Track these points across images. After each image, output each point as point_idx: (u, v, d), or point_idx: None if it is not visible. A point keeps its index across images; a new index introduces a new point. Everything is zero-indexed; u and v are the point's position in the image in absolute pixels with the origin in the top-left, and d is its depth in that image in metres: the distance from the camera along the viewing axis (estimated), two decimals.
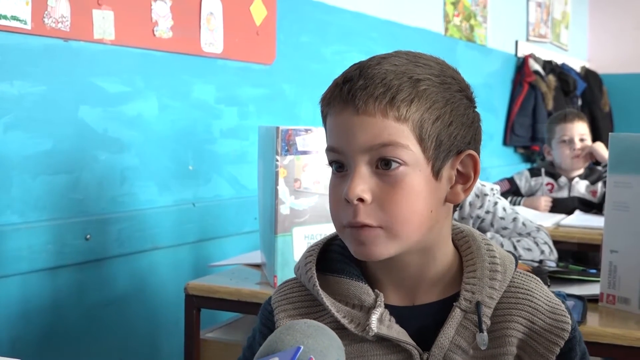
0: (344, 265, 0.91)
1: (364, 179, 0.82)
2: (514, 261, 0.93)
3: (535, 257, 1.90)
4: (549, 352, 0.87)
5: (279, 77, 2.48)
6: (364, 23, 2.97)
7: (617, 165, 1.49)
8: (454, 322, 0.87)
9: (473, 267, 0.90)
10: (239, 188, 2.35)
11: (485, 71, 4.30)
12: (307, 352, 0.65)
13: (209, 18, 2.16)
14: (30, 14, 1.64)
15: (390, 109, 0.81)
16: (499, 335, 0.88)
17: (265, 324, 0.94)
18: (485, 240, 0.93)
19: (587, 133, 3.06)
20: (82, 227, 1.80)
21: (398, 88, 0.81)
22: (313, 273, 0.90)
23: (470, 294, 0.87)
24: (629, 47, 6.12)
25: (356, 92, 0.82)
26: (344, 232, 0.87)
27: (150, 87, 2.00)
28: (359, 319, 0.87)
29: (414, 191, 0.83)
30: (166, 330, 2.08)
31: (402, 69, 0.83)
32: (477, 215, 2.00)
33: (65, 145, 1.77)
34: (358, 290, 0.88)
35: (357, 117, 0.82)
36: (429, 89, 0.83)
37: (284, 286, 0.96)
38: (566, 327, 0.88)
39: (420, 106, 0.82)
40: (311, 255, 0.93)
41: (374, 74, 0.82)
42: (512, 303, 0.89)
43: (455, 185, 0.88)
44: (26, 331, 1.70)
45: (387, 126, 0.81)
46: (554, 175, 3.10)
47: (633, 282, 1.45)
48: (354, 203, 0.82)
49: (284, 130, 1.60)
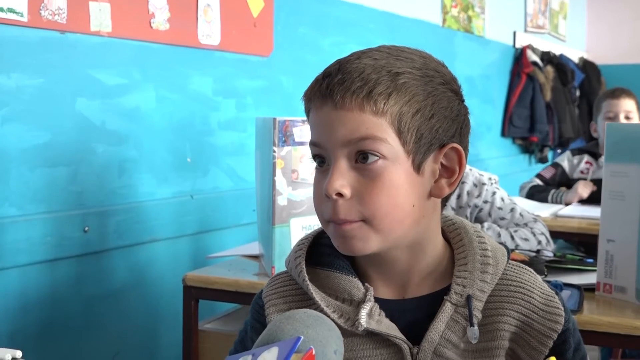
0: (334, 258, 0.90)
1: (343, 174, 0.83)
2: (506, 253, 0.92)
3: (533, 247, 1.90)
4: (542, 345, 0.87)
5: (276, 68, 2.48)
6: (361, 14, 2.96)
7: (614, 154, 1.49)
8: (444, 316, 0.86)
9: (464, 260, 0.89)
10: (237, 180, 2.35)
11: (483, 62, 4.29)
12: (307, 342, 0.65)
13: (206, 10, 2.16)
14: (26, 6, 1.64)
15: (368, 102, 0.81)
16: (491, 329, 0.87)
17: (256, 319, 0.94)
18: (477, 232, 0.93)
19: (634, 110, 2.95)
20: (80, 219, 1.80)
21: (376, 82, 0.81)
22: (303, 267, 0.90)
23: (461, 287, 0.87)
24: (627, 38, 6.12)
25: (334, 87, 0.82)
26: (327, 227, 0.87)
27: (147, 79, 2.00)
28: (348, 314, 0.87)
29: (394, 185, 0.82)
30: (165, 322, 2.09)
31: (381, 62, 0.83)
32: (475, 204, 2.00)
33: (63, 138, 1.77)
34: (348, 284, 0.88)
35: (336, 111, 0.82)
36: (408, 82, 0.82)
37: (274, 280, 0.96)
38: (559, 320, 0.87)
39: (399, 99, 0.82)
40: (301, 249, 0.92)
41: (352, 69, 0.82)
42: (504, 296, 0.88)
43: (440, 179, 0.87)
44: (25, 323, 1.70)
45: (364, 120, 0.81)
46: (594, 155, 3.02)
47: (629, 271, 1.46)
48: (332, 198, 0.82)
49: (281, 122, 1.60)
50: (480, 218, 2.02)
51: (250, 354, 0.63)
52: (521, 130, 4.67)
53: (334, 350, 0.66)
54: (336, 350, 0.67)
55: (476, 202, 2.00)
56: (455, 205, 2.01)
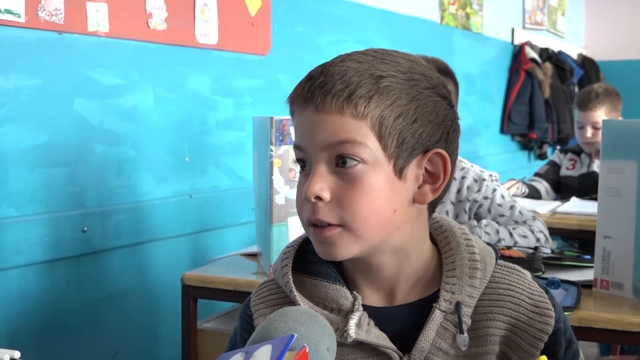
0: (321, 266, 0.89)
1: (323, 178, 0.82)
2: (494, 255, 0.91)
3: (531, 244, 1.91)
4: (534, 348, 0.86)
5: (274, 67, 2.48)
6: (359, 12, 2.96)
7: (610, 151, 1.50)
8: (434, 324, 0.85)
9: (452, 266, 0.88)
10: (235, 179, 2.35)
11: (481, 59, 4.29)
12: (300, 339, 0.65)
13: (203, 9, 2.16)
14: (24, 7, 1.64)
15: (347, 105, 0.80)
16: (481, 334, 0.86)
17: (245, 328, 0.94)
18: (464, 234, 0.91)
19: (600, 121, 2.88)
20: (79, 219, 1.80)
21: (357, 85, 0.80)
22: (289, 277, 0.89)
23: (450, 294, 0.86)
24: (626, 34, 6.11)
25: (315, 90, 0.81)
26: (309, 231, 0.86)
27: (145, 79, 2.00)
28: (337, 324, 0.85)
29: (374, 190, 0.81)
30: (164, 322, 2.09)
31: (365, 66, 0.82)
32: (474, 199, 2.01)
33: (61, 138, 1.77)
34: (335, 293, 0.87)
35: (317, 115, 0.81)
36: (391, 85, 0.81)
37: (262, 288, 0.95)
38: (549, 322, 0.87)
39: (380, 102, 0.80)
40: (287, 257, 0.91)
41: (334, 72, 0.81)
42: (493, 300, 0.87)
43: (424, 185, 0.85)
44: (24, 324, 1.71)
45: (344, 123, 0.80)
46: (578, 153, 3.08)
47: (626, 267, 1.46)
48: (311, 201, 0.82)
49: (278, 120, 1.60)
50: (479, 214, 2.03)
51: (244, 351, 0.64)
52: (520, 127, 4.67)
53: (327, 347, 0.66)
54: (329, 347, 0.67)
55: (475, 197, 2.01)
56: (455, 199, 2.03)
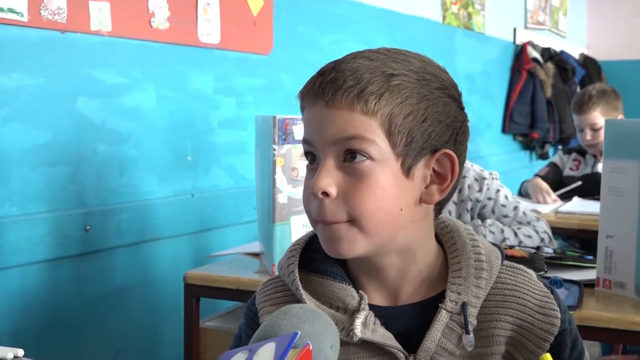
0: (327, 265, 0.89)
1: (330, 172, 0.82)
2: (500, 256, 0.91)
3: (536, 244, 1.91)
4: (540, 348, 0.86)
5: (276, 67, 2.48)
6: (361, 12, 2.96)
7: (612, 150, 1.50)
8: (440, 325, 0.85)
9: (458, 266, 0.88)
10: (237, 178, 2.35)
11: (483, 59, 4.29)
12: (303, 337, 0.65)
13: (205, 9, 2.16)
14: (26, 6, 1.64)
15: (358, 102, 0.80)
16: (486, 335, 0.87)
17: (250, 326, 0.94)
18: (470, 234, 0.91)
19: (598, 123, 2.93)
20: (81, 218, 1.81)
21: (368, 81, 0.80)
22: (296, 275, 0.89)
23: (456, 294, 0.86)
24: (627, 34, 6.11)
25: (326, 85, 0.82)
26: (316, 228, 0.86)
27: (147, 78, 2.00)
28: (343, 323, 0.85)
29: (380, 186, 0.81)
30: (166, 320, 2.10)
31: (376, 63, 0.82)
32: (477, 199, 2.00)
33: (63, 137, 1.78)
34: (342, 292, 0.87)
35: (327, 109, 0.82)
36: (402, 83, 0.81)
37: (267, 285, 0.95)
38: (555, 322, 0.87)
39: (390, 100, 0.81)
40: (293, 256, 0.91)
41: (346, 68, 0.82)
42: (499, 301, 0.87)
43: (431, 185, 0.85)
44: (27, 322, 1.71)
45: (353, 119, 0.81)
46: (582, 153, 3.07)
47: (629, 266, 1.46)
48: (318, 197, 0.82)
49: (280, 120, 1.60)
50: (483, 215, 2.03)
51: (248, 349, 0.64)
52: (522, 127, 4.66)
53: (330, 345, 0.66)
54: (333, 345, 0.67)
55: (477, 196, 2.00)
56: (457, 199, 2.03)
